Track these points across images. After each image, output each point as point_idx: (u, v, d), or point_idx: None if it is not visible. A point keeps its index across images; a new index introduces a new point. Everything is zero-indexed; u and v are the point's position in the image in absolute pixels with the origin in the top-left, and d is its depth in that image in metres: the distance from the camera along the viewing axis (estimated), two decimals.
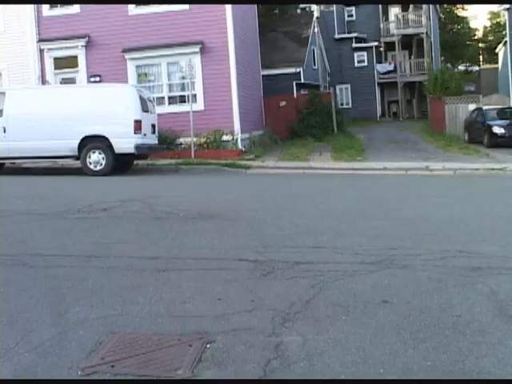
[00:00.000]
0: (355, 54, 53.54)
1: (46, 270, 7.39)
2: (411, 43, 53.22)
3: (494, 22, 78.54)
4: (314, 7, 44.91)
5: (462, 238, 9.31)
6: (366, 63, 53.39)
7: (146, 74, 27.74)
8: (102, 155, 19.66)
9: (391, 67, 53.54)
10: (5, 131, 19.75)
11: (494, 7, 50.93)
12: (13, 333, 5.36)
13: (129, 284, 6.79)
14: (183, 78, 26.65)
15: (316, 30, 43.94)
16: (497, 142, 29.16)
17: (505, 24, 41.07)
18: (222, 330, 5.38)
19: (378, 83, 53.71)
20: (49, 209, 11.90)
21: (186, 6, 26.93)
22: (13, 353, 4.96)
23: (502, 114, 31.92)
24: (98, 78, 27.15)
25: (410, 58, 54.36)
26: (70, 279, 6.96)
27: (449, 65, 62.35)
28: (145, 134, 20.18)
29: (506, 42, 41.03)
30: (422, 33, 51.87)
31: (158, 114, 23.00)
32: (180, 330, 5.42)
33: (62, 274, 7.17)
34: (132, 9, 27.29)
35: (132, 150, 19.61)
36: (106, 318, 5.70)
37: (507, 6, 36.27)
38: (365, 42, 53.72)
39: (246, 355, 4.90)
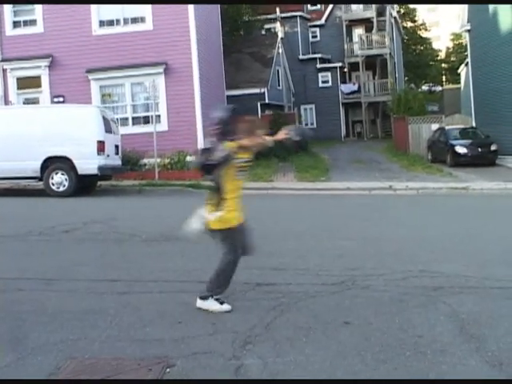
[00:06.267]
0: (319, 75, 53.75)
1: (4, 293, 7.30)
2: (375, 64, 53.71)
3: (457, 42, 79.62)
4: (279, 28, 45.07)
5: (424, 258, 9.37)
6: (330, 83, 53.61)
7: (109, 95, 27.63)
8: (65, 176, 19.45)
9: (355, 87, 53.95)
10: None
11: (456, 28, 51.54)
12: None
13: (89, 308, 6.71)
14: (147, 98, 26.55)
15: (280, 50, 44.17)
16: (459, 162, 29.53)
17: (466, 45, 41.59)
18: (182, 354, 5.34)
19: (343, 103, 54.00)
20: (10, 231, 11.75)
21: (149, 27, 26.95)
22: None
23: (465, 133, 32.37)
24: (61, 99, 26.94)
25: (373, 78, 54.82)
26: (30, 303, 6.87)
27: (412, 85, 62.95)
28: (108, 155, 20.04)
29: (467, 62, 41.52)
30: (386, 53, 52.41)
31: (122, 135, 22.80)
32: (140, 354, 5.36)
33: (22, 298, 7.09)
34: (96, 29, 27.20)
35: (95, 171, 19.45)
36: (65, 343, 5.63)
37: (468, 27, 36.73)
38: (329, 63, 54.02)
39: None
